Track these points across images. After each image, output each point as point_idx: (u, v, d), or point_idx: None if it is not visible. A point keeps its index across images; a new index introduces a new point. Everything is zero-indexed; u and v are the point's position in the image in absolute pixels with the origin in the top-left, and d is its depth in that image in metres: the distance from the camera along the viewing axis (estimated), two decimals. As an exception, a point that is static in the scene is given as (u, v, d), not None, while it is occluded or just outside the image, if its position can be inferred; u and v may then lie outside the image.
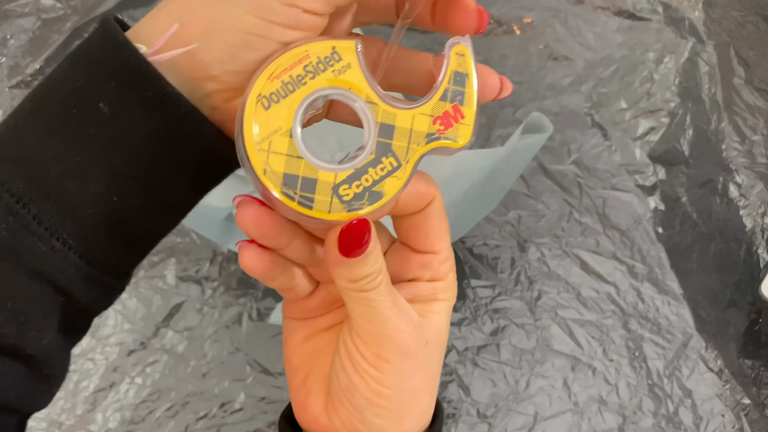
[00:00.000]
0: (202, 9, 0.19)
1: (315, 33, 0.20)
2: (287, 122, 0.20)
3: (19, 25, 0.73)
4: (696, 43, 0.71)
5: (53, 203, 0.19)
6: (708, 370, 0.57)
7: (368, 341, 0.23)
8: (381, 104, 0.21)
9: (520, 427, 0.55)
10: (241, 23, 0.19)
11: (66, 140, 0.19)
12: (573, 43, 0.72)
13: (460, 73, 0.22)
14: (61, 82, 0.20)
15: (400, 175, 0.21)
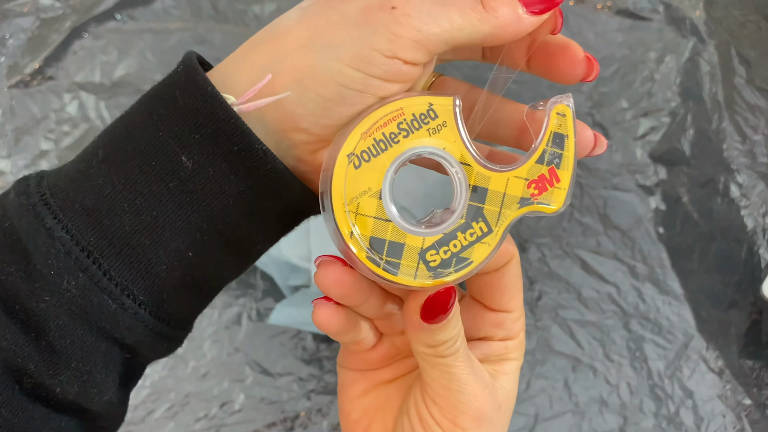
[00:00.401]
0: (296, 58, 0.18)
1: (411, 84, 0.19)
2: (377, 183, 0.19)
3: (18, 25, 0.73)
4: (697, 42, 0.71)
5: (125, 258, 0.18)
6: (709, 371, 0.57)
7: (444, 407, 0.22)
8: (475, 166, 0.20)
9: (521, 428, 0.55)
10: (339, 76, 0.18)
11: (143, 193, 0.18)
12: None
13: (560, 135, 0.21)
14: (139, 128, 0.18)
15: (489, 241, 0.20)
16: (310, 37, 0.18)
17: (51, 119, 0.68)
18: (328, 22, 0.18)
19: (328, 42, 0.18)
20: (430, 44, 0.18)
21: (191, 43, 0.71)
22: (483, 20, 0.18)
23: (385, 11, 0.18)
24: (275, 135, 0.19)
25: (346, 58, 0.18)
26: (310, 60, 0.18)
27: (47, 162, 0.66)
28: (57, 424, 0.19)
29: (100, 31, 0.72)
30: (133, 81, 0.70)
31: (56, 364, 0.18)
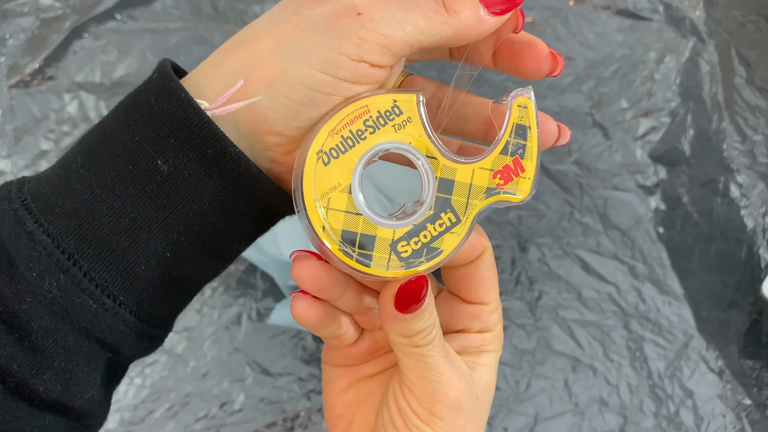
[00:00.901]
0: (267, 63, 0.18)
1: (378, 85, 0.20)
2: (347, 178, 0.20)
3: (18, 25, 0.73)
4: (697, 42, 0.71)
5: (105, 260, 0.19)
6: (709, 371, 0.57)
7: (421, 397, 0.22)
8: (441, 159, 0.21)
9: (521, 428, 0.55)
10: (309, 80, 0.18)
11: (121, 196, 0.18)
12: (573, 42, 0.72)
13: (522, 126, 0.22)
14: (116, 134, 0.19)
15: (458, 231, 0.21)
16: (280, 43, 0.18)
17: (51, 119, 0.68)
18: (296, 27, 0.18)
19: (297, 47, 0.18)
20: (396, 47, 0.19)
21: (191, 43, 0.71)
22: (446, 23, 0.19)
23: (351, 17, 0.18)
24: (249, 138, 0.19)
25: (315, 62, 0.18)
26: (281, 65, 0.18)
27: (47, 162, 0.66)
28: (41, 423, 0.19)
29: (100, 31, 0.72)
30: (133, 81, 0.70)
31: (39, 363, 0.18)
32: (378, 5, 0.18)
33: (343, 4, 0.18)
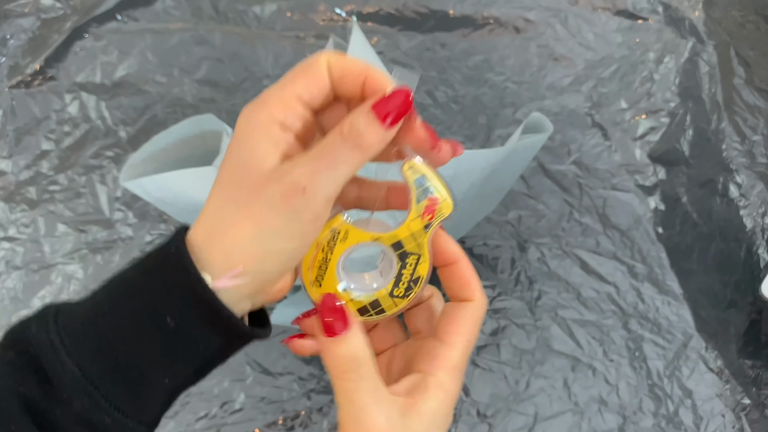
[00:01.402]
0: (252, 245, 0.24)
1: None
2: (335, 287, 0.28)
3: (19, 25, 0.73)
4: (696, 43, 0.71)
5: (122, 388, 0.24)
6: (708, 371, 0.57)
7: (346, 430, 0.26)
8: (383, 236, 0.28)
9: (521, 428, 0.55)
10: (285, 252, 0.25)
11: (138, 341, 0.24)
12: (573, 43, 0.72)
13: (418, 177, 0.27)
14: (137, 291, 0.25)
15: (424, 260, 0.28)
16: (256, 231, 0.24)
17: (52, 119, 0.68)
18: (261, 213, 0.24)
19: (270, 231, 0.24)
20: (333, 196, 0.24)
21: (191, 43, 0.71)
22: (362, 155, 0.24)
23: (299, 194, 0.23)
24: (249, 297, 0.25)
25: (287, 239, 0.24)
26: (263, 247, 0.24)
27: (48, 162, 0.66)
28: None
29: (101, 31, 0.72)
30: (134, 81, 0.70)
31: None
32: (314, 176, 0.23)
33: (290, 184, 0.23)
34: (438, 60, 0.71)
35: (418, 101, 0.69)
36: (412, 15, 0.73)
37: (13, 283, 0.61)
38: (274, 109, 0.24)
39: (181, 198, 0.44)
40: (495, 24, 0.73)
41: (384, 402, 0.26)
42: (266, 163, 0.24)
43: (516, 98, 0.69)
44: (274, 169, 0.24)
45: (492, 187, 0.47)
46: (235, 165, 0.24)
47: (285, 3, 0.73)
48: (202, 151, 0.47)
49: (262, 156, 0.24)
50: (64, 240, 0.63)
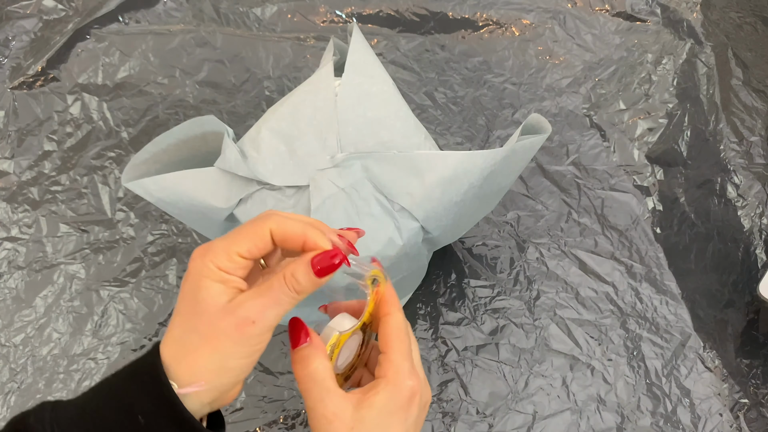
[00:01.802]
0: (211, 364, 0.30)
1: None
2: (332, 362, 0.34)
3: (21, 27, 0.73)
4: (694, 44, 0.71)
5: None
6: (706, 370, 0.57)
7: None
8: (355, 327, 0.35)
9: (520, 426, 0.55)
10: (238, 367, 0.31)
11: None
12: (571, 44, 0.72)
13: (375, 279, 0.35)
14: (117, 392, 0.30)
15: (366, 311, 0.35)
16: (214, 353, 0.30)
17: (54, 120, 0.69)
18: (218, 340, 0.30)
19: (225, 353, 0.30)
20: (276, 323, 0.31)
21: (193, 45, 0.72)
22: (299, 297, 0.31)
23: (249, 325, 0.30)
24: (209, 403, 0.31)
25: (239, 357, 0.30)
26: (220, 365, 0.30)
27: (50, 163, 0.67)
28: None
29: (103, 32, 0.73)
30: (136, 82, 0.70)
31: None
32: (260, 310, 0.30)
33: (242, 317, 0.30)
34: (437, 61, 0.71)
35: (418, 102, 0.69)
36: (411, 17, 0.74)
37: (16, 282, 0.61)
38: (220, 262, 0.30)
39: (183, 198, 0.45)
40: (494, 26, 0.73)
41: (337, 399, 0.32)
42: (219, 300, 0.30)
43: (515, 99, 0.69)
44: (226, 305, 0.30)
45: (491, 188, 0.47)
46: (192, 300, 0.30)
47: (286, 5, 0.74)
48: (203, 152, 0.48)
49: (214, 295, 0.30)
50: (66, 240, 0.63)
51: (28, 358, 0.58)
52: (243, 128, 0.68)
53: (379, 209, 0.44)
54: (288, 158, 0.45)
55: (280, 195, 0.45)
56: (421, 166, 0.43)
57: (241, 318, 0.30)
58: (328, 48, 0.51)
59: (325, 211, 0.44)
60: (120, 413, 0.29)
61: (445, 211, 0.45)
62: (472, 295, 0.60)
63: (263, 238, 0.31)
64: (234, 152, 0.43)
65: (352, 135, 0.46)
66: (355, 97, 0.46)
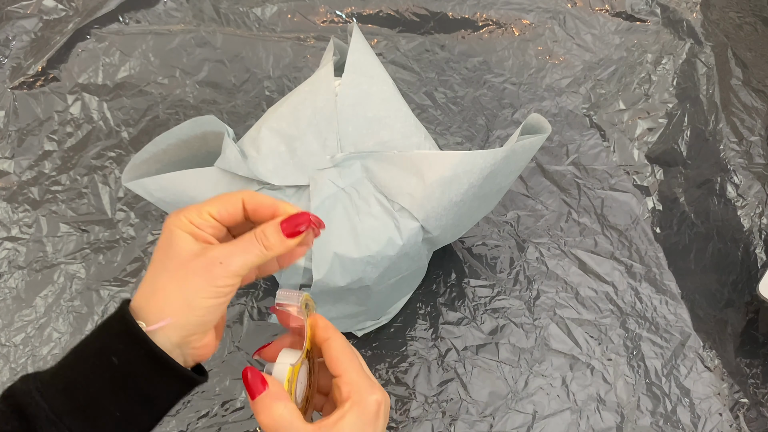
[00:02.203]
0: (178, 301, 0.32)
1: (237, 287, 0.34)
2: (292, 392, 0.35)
3: (22, 27, 0.73)
4: (694, 44, 0.71)
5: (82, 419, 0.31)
6: (706, 369, 0.57)
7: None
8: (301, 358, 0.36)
9: (519, 426, 0.55)
10: (204, 306, 0.32)
11: (93, 380, 0.31)
12: (571, 44, 0.72)
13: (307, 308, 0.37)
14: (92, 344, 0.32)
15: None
16: (182, 291, 0.32)
17: (54, 120, 0.69)
18: (187, 278, 0.32)
19: (192, 290, 0.32)
20: (243, 272, 0.33)
21: (193, 44, 0.72)
22: (266, 253, 0.33)
23: (217, 265, 0.32)
24: (178, 345, 0.32)
25: (206, 296, 0.32)
26: (186, 302, 0.32)
27: (50, 163, 0.67)
28: None
29: (103, 32, 0.73)
30: (136, 82, 0.70)
31: None
32: (229, 256, 0.32)
33: (210, 257, 0.32)
34: (437, 61, 0.71)
35: (418, 102, 0.69)
36: (411, 17, 0.74)
37: (16, 282, 0.61)
38: (191, 216, 0.33)
39: (183, 198, 0.45)
40: (494, 26, 0.73)
41: (302, 429, 0.33)
42: (190, 247, 0.33)
43: (515, 99, 0.69)
44: (198, 250, 0.32)
45: (491, 188, 0.47)
46: (165, 248, 0.33)
47: (286, 5, 0.74)
48: (203, 152, 0.48)
49: (186, 244, 0.33)
50: (67, 240, 0.63)
51: (29, 358, 0.58)
52: (243, 128, 0.68)
53: (379, 209, 0.45)
54: (288, 158, 0.45)
55: (280, 194, 0.45)
56: (421, 166, 0.43)
57: (211, 258, 0.32)
58: (328, 48, 0.51)
59: (325, 211, 0.44)
60: (95, 359, 0.31)
61: (445, 211, 0.45)
62: (472, 294, 0.60)
63: (234, 204, 0.34)
64: (234, 152, 0.43)
65: (352, 135, 0.46)
66: (355, 97, 0.46)
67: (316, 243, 0.43)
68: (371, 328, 0.57)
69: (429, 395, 0.56)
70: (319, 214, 0.44)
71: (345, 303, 0.49)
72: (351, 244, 0.44)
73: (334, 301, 0.48)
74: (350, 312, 0.51)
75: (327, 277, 0.43)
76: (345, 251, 0.43)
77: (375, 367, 0.57)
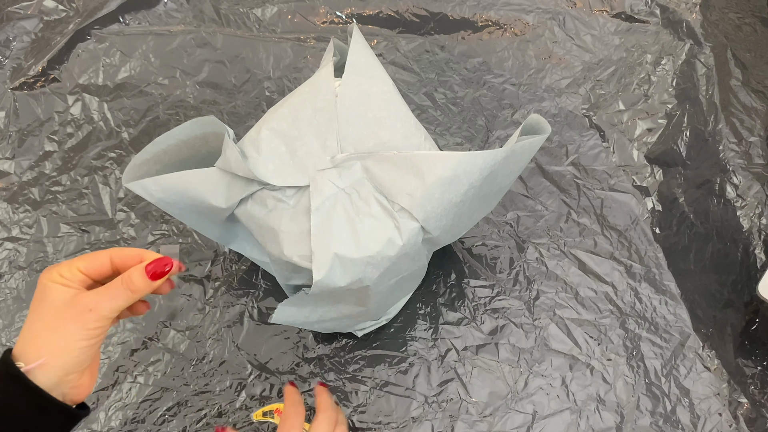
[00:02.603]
0: (54, 345, 0.35)
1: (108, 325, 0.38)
2: None
3: (22, 27, 0.73)
4: (693, 45, 0.71)
5: None
6: (705, 370, 0.57)
7: None
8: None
9: (519, 426, 0.55)
10: (77, 348, 0.36)
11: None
12: (571, 45, 0.72)
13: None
14: None
15: None
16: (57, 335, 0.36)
17: (54, 121, 0.69)
18: (61, 324, 0.36)
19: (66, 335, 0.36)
20: (112, 315, 0.37)
21: (193, 45, 0.72)
22: (133, 296, 0.38)
23: (87, 312, 0.36)
24: (57, 384, 0.36)
25: (78, 339, 0.36)
26: (61, 345, 0.36)
27: (51, 163, 0.67)
28: None
29: (104, 33, 0.73)
30: (136, 83, 0.70)
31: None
32: (99, 303, 0.36)
33: (81, 306, 0.36)
34: (437, 62, 0.71)
35: (418, 103, 0.69)
36: (411, 17, 0.74)
37: (16, 282, 0.61)
38: (62, 271, 0.37)
39: (183, 198, 0.45)
40: (493, 26, 0.73)
41: None
42: (63, 297, 0.36)
43: (514, 100, 0.70)
44: (69, 299, 0.36)
45: (491, 188, 0.47)
46: (40, 299, 0.36)
47: (286, 6, 0.74)
48: (203, 152, 0.48)
49: (58, 294, 0.36)
50: (67, 240, 0.63)
51: (29, 358, 0.58)
52: (243, 129, 0.68)
53: (379, 209, 0.45)
54: (288, 159, 0.45)
55: (280, 195, 0.45)
56: (421, 166, 0.43)
57: (82, 306, 0.36)
58: (329, 49, 0.51)
59: (325, 211, 0.44)
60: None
61: (445, 212, 0.45)
62: (471, 295, 0.60)
63: (101, 260, 0.39)
64: (234, 153, 0.44)
65: (352, 135, 0.46)
66: (355, 97, 0.46)
67: (317, 244, 0.43)
68: (371, 329, 0.57)
69: (429, 395, 0.56)
70: (320, 215, 0.44)
71: (345, 304, 0.49)
72: (351, 245, 0.44)
73: (334, 302, 0.48)
74: (350, 312, 0.51)
75: (327, 278, 0.43)
76: (345, 252, 0.43)
77: (375, 367, 0.58)
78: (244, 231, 0.50)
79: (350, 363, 0.58)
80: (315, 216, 0.43)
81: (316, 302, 0.46)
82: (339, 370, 0.58)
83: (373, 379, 0.57)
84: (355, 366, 0.58)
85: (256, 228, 0.46)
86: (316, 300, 0.46)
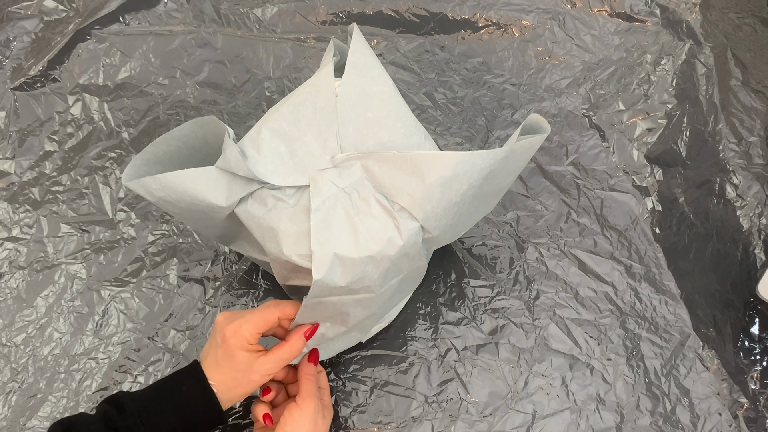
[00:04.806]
0: (231, 376, 0.46)
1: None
2: None
3: (22, 27, 0.73)
4: (693, 45, 0.71)
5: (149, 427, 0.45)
6: (705, 369, 0.57)
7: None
8: None
9: (519, 426, 0.55)
10: (251, 383, 0.47)
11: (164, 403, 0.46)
12: (571, 45, 0.72)
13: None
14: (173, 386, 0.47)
15: None
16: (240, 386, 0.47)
17: (55, 121, 0.69)
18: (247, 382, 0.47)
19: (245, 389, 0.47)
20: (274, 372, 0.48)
21: (193, 45, 0.72)
22: (293, 354, 0.48)
23: (266, 377, 0.47)
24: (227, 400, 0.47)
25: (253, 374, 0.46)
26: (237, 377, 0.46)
27: (51, 163, 0.67)
28: None
29: (104, 33, 0.73)
30: (136, 83, 0.70)
31: None
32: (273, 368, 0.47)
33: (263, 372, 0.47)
34: (437, 62, 0.72)
35: (418, 103, 0.69)
36: (411, 18, 0.74)
37: (17, 282, 0.61)
38: (248, 337, 0.46)
39: (183, 198, 0.45)
40: (493, 26, 0.73)
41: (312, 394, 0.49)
42: (249, 361, 0.46)
43: (514, 100, 0.70)
44: (253, 363, 0.46)
45: (491, 188, 0.47)
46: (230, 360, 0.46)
47: (286, 6, 0.74)
48: (204, 152, 0.48)
49: (246, 359, 0.46)
50: (68, 240, 0.63)
51: (29, 358, 0.59)
52: (243, 129, 0.68)
53: (379, 209, 0.45)
54: (288, 158, 0.45)
55: (280, 194, 0.45)
56: (421, 166, 0.43)
57: (262, 373, 0.46)
58: (329, 49, 0.51)
59: (324, 211, 0.44)
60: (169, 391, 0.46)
61: (445, 211, 0.45)
62: (471, 294, 0.60)
63: (273, 321, 0.47)
64: (234, 152, 0.44)
65: (352, 135, 0.46)
66: (355, 97, 0.46)
67: (317, 243, 0.43)
68: (375, 331, 0.57)
69: (429, 395, 0.57)
70: (319, 215, 0.44)
71: (352, 317, 0.49)
72: (351, 245, 0.44)
73: (342, 320, 0.49)
74: (361, 318, 0.51)
75: (327, 277, 0.43)
76: (345, 251, 0.43)
77: (375, 366, 0.58)
78: (244, 231, 0.50)
79: (350, 363, 0.58)
80: (315, 216, 0.44)
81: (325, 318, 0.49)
82: (339, 369, 0.58)
83: (373, 379, 0.57)
84: (355, 366, 0.58)
85: (256, 227, 0.46)
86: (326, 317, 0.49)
